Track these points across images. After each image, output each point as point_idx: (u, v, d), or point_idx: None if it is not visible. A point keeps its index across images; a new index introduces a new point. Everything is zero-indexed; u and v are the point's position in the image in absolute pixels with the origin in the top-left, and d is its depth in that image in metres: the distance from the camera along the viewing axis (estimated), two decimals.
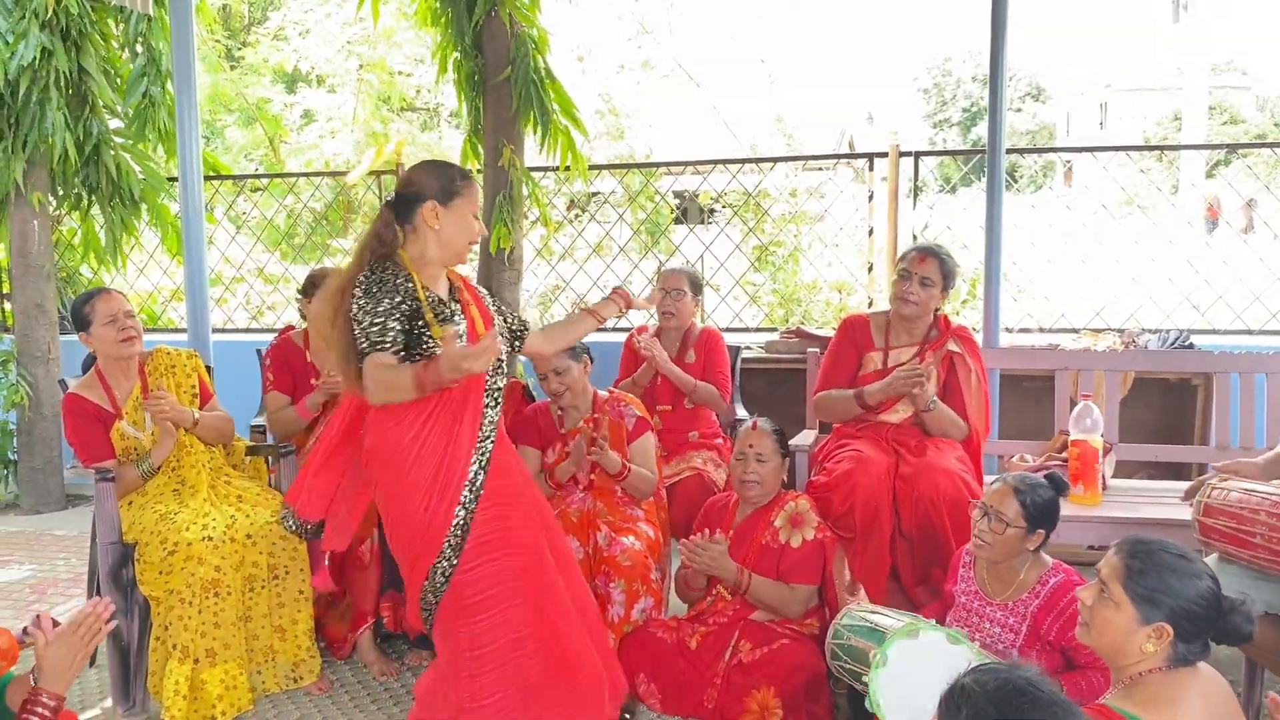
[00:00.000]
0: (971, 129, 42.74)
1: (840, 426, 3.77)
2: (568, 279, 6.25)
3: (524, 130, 4.91)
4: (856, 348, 3.79)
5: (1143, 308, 5.22)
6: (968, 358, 3.71)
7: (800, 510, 3.34)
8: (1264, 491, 2.77)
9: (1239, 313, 4.94)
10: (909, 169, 4.99)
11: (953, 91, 45.40)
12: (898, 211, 4.95)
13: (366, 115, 10.36)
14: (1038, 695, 1.52)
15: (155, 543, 3.24)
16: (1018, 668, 1.60)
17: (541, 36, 4.91)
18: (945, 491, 3.39)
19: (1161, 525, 3.33)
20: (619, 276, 6.10)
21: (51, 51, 5.25)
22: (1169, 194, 13.04)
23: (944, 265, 3.62)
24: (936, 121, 44.56)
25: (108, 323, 3.43)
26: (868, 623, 2.95)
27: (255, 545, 3.37)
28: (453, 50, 4.96)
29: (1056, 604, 2.83)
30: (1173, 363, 4.23)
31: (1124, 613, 2.08)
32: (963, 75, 44.29)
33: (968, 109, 44.01)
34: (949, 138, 43.62)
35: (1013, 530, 2.85)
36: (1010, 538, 2.86)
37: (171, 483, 3.50)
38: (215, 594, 3.24)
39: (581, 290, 6.33)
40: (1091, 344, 4.63)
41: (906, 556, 3.52)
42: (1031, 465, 3.94)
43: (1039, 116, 42.29)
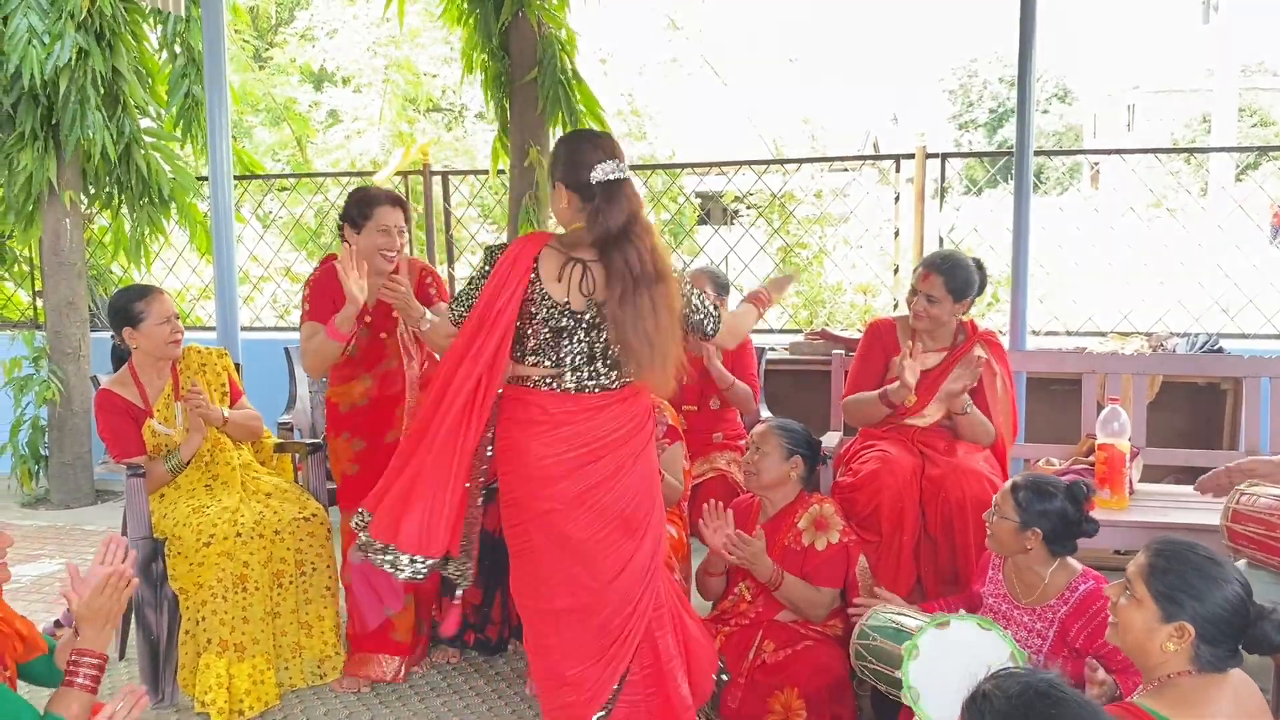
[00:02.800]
0: (998, 130, 42.47)
1: (867, 429, 3.77)
2: None
3: (550, 131, 4.93)
4: (884, 351, 3.79)
5: (1170, 311, 5.18)
6: (994, 362, 3.69)
7: (825, 514, 3.34)
8: None
9: (1269, 316, 4.90)
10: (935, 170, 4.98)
11: (979, 93, 45.12)
12: (924, 213, 4.93)
13: (393, 115, 10.42)
14: (1061, 697, 1.53)
15: (189, 536, 3.28)
16: (1038, 671, 1.60)
17: (570, 37, 4.93)
18: (973, 493, 3.39)
19: (1190, 530, 3.30)
20: None
21: (87, 52, 5.31)
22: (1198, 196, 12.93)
23: (950, 281, 3.59)
24: (962, 123, 44.30)
25: (162, 322, 3.51)
26: (893, 624, 2.95)
27: (283, 541, 3.41)
28: (480, 50, 4.99)
29: (1086, 610, 2.82)
30: (1201, 366, 4.21)
31: (1146, 610, 2.08)
32: (989, 77, 43.99)
33: (994, 110, 43.73)
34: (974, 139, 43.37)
35: (1004, 522, 2.84)
36: (1002, 529, 2.86)
37: (204, 478, 3.54)
38: (243, 589, 3.28)
39: None
40: (1119, 347, 4.61)
41: (930, 559, 3.52)
42: (1059, 469, 3.93)
43: (1065, 118, 42.00)
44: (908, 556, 3.48)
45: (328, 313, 3.33)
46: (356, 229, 3.35)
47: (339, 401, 3.53)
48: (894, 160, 5.14)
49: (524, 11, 4.78)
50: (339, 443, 3.52)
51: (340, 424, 3.52)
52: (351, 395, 3.50)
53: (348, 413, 3.51)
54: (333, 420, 3.55)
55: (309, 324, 3.40)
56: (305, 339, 3.42)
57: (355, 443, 3.50)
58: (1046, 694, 1.54)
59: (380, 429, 3.49)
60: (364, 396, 3.49)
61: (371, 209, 3.33)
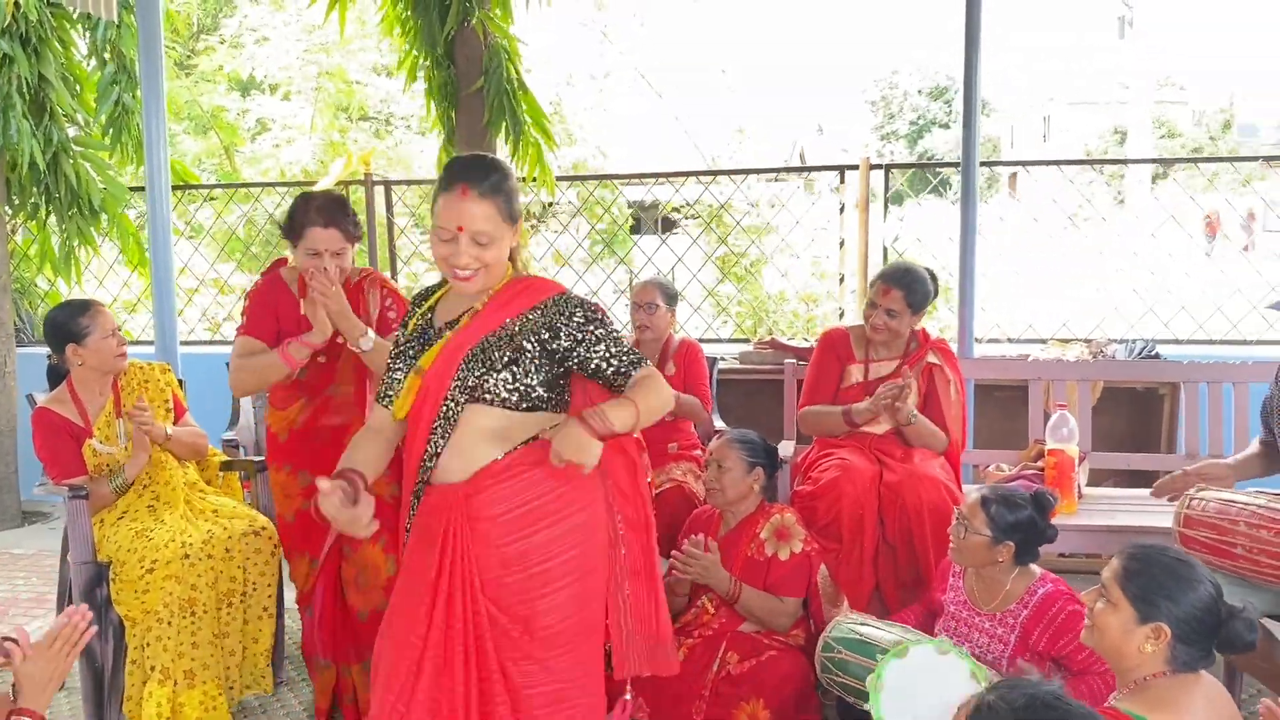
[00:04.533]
0: (918, 141, 43.23)
1: (825, 438, 3.79)
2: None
3: (495, 141, 4.89)
4: (839, 361, 3.82)
5: (1106, 319, 5.32)
6: (946, 370, 3.75)
7: (786, 523, 3.35)
8: (1242, 502, 2.84)
9: (1201, 323, 5.05)
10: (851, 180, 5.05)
11: (899, 104, 45.91)
12: (868, 223, 5.00)
13: (324, 124, 10.25)
14: (1067, 708, 1.54)
15: (132, 561, 3.17)
16: (1041, 683, 1.61)
17: (512, 46, 4.89)
18: (931, 500, 3.43)
19: (1142, 533, 3.38)
20: (590, 287, 6.10)
21: (12, 58, 5.13)
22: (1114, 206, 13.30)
23: (910, 295, 3.64)
24: (884, 134, 45.04)
25: (108, 336, 3.39)
26: (857, 635, 2.97)
27: (233, 559, 3.31)
28: (423, 59, 4.93)
29: (1046, 613, 2.87)
30: (1145, 372, 4.32)
31: (1122, 613, 2.12)
32: (909, 88, 44.80)
33: (914, 122, 44.52)
34: (896, 149, 44.11)
35: (976, 537, 2.88)
36: (974, 544, 2.89)
37: (146, 499, 3.42)
38: (191, 613, 3.19)
39: None
40: (1061, 354, 4.71)
41: (889, 566, 3.55)
42: (1008, 475, 3.99)
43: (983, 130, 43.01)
44: (867, 564, 3.51)
45: (267, 328, 3.10)
46: (292, 244, 3.08)
47: (278, 429, 3.22)
48: (839, 171, 5.20)
49: (470, 21, 4.73)
50: (281, 476, 3.22)
51: (279, 454, 3.22)
52: (290, 420, 3.21)
53: (287, 441, 3.21)
54: (272, 450, 3.26)
55: (244, 339, 3.11)
56: (238, 354, 3.11)
57: (303, 475, 3.16)
58: (1052, 705, 1.55)
59: (329, 459, 3.06)
60: (302, 422, 3.18)
61: (302, 229, 3.00)
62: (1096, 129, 34.17)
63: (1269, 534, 2.70)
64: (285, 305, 3.14)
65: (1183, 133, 34.40)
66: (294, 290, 3.17)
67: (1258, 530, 2.72)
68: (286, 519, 3.23)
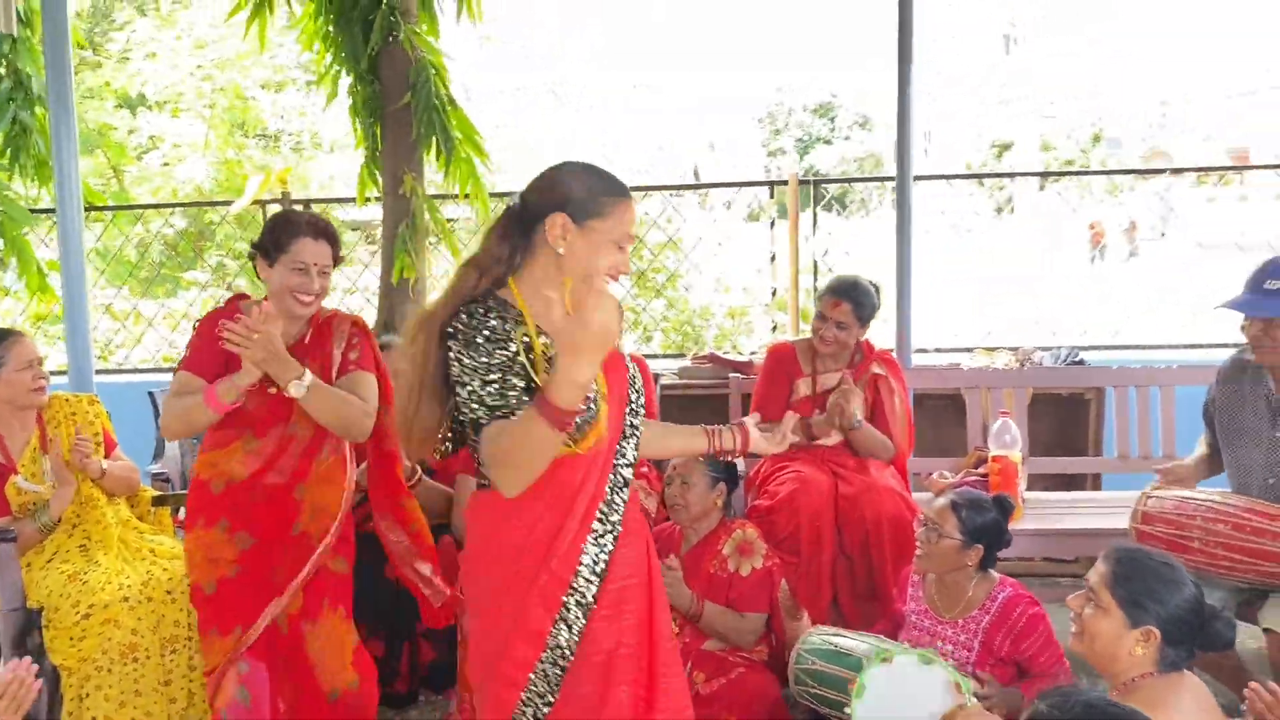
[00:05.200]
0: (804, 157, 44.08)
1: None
2: None
3: (425, 158, 4.79)
4: (786, 375, 3.84)
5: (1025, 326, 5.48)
6: (891, 380, 3.80)
7: (748, 538, 3.33)
8: (1198, 499, 2.94)
9: (1117, 329, 5.25)
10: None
11: (785, 121, 46.79)
12: (798, 237, 5.05)
13: (219, 141, 9.92)
14: (1120, 713, 1.55)
15: (66, 606, 2.97)
16: (1089, 690, 1.62)
17: (438, 61, 4.80)
18: (888, 511, 3.47)
19: (1096, 535, 3.49)
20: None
21: None
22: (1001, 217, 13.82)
23: (858, 308, 3.69)
24: (771, 150, 45.85)
25: (24, 368, 3.17)
26: (831, 645, 2.97)
27: (175, 602, 3.12)
28: (346, 74, 4.79)
29: (1008, 618, 2.92)
30: (1079, 378, 4.46)
31: (1113, 618, 2.16)
32: (795, 105, 45.74)
33: (801, 139, 45.43)
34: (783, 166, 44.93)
35: (947, 541, 2.92)
36: (945, 548, 2.93)
37: (76, 539, 3.22)
38: (134, 659, 2.99)
39: None
40: (989, 362, 4.82)
41: (846, 577, 3.58)
42: (951, 482, 4.05)
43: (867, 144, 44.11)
44: (825, 576, 3.53)
45: (209, 366, 2.76)
46: (270, 261, 2.79)
47: (210, 477, 2.82)
48: (769, 186, 5.25)
49: (396, 36, 4.62)
50: (213, 534, 2.80)
51: (212, 508, 2.82)
52: (227, 467, 2.82)
53: (224, 495, 2.82)
54: (201, 503, 2.84)
55: (182, 374, 2.79)
56: (174, 392, 2.79)
57: (241, 537, 2.79)
58: (1107, 710, 1.56)
59: (277, 518, 2.80)
60: (245, 468, 2.81)
61: (289, 240, 2.76)
62: (975, 144, 35.33)
63: (1225, 528, 2.80)
64: None
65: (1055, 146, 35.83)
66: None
67: (1213, 525, 2.82)
68: (205, 589, 2.82)
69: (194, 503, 2.88)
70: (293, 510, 2.83)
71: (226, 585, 2.80)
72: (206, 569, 2.82)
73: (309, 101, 10.97)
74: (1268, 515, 2.76)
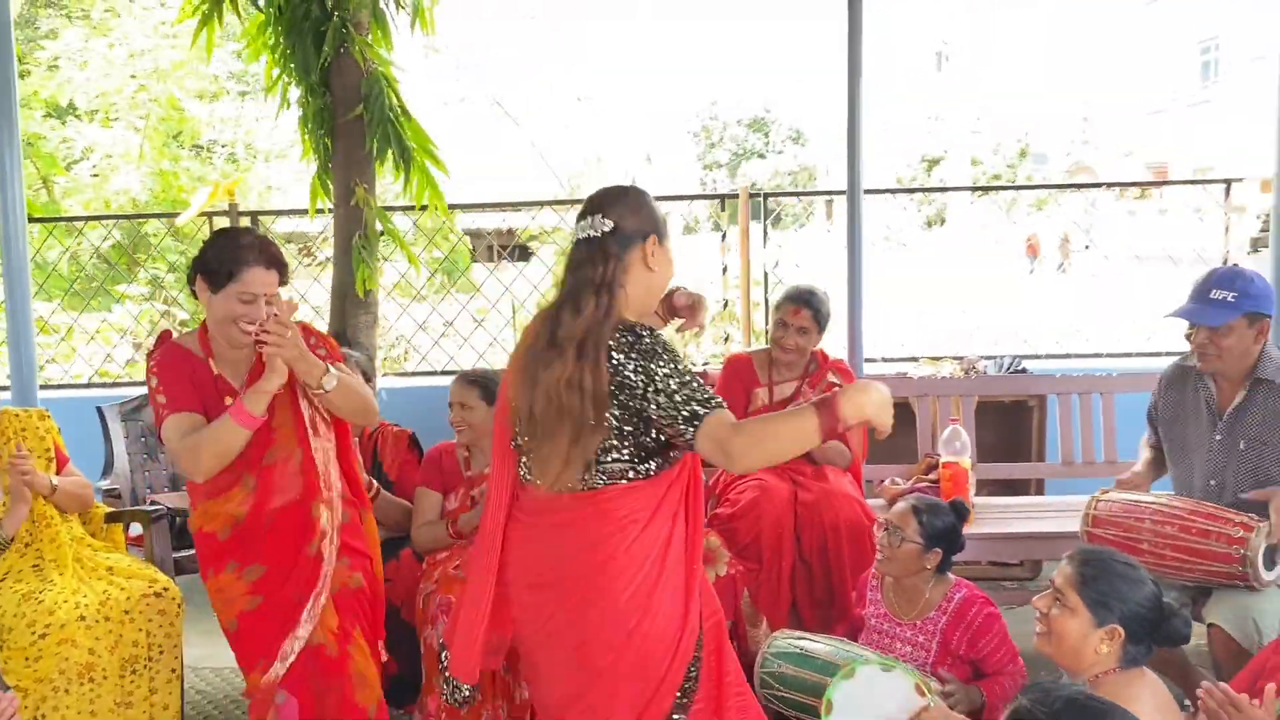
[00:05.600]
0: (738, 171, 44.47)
1: None
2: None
3: (380, 169, 4.76)
4: (744, 385, 3.89)
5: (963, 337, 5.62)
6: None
7: (712, 547, 3.38)
8: (1146, 501, 3.04)
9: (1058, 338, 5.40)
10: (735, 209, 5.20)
11: (719, 135, 47.19)
12: (749, 249, 5.12)
13: (154, 152, 9.72)
14: (1103, 707, 1.61)
15: (21, 627, 2.91)
16: (1069, 685, 1.68)
17: (388, 73, 4.78)
18: (847, 516, 3.53)
19: (1032, 539, 3.63)
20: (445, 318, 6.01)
21: None
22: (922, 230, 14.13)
23: (817, 315, 3.76)
24: (706, 164, 46.20)
25: None
26: (798, 649, 3.03)
27: (133, 622, 3.07)
28: (296, 86, 4.75)
29: (964, 617, 3.00)
30: (1025, 386, 4.58)
31: (1080, 617, 2.24)
32: (729, 119, 46.14)
33: (735, 152, 45.82)
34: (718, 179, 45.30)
35: (909, 545, 2.99)
36: (907, 552, 3.00)
37: (29, 558, 3.15)
38: (91, 679, 2.95)
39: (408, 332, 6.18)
40: (935, 371, 4.93)
41: (805, 583, 3.62)
42: (904, 488, 4.14)
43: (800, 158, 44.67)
44: (785, 582, 3.58)
45: (193, 398, 2.63)
46: (212, 287, 2.61)
47: (216, 528, 2.68)
48: (720, 199, 5.32)
49: (348, 48, 4.60)
50: (224, 579, 2.68)
51: (220, 554, 2.69)
52: (230, 511, 2.67)
53: (231, 539, 2.68)
54: (210, 554, 2.71)
55: (179, 417, 2.59)
56: (179, 436, 2.58)
57: (251, 570, 2.66)
58: (1088, 705, 1.62)
59: (290, 541, 2.67)
60: (244, 506, 2.67)
61: (239, 268, 2.58)
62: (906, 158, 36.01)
63: (1173, 530, 2.90)
64: (201, 375, 2.68)
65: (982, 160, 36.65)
66: (202, 355, 2.72)
67: (1162, 526, 2.92)
68: (229, 628, 2.71)
69: (204, 554, 2.74)
70: (309, 530, 2.68)
71: (247, 619, 2.67)
72: (225, 609, 2.71)
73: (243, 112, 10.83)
74: (1212, 516, 2.87)
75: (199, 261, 2.66)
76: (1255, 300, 2.92)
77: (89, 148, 9.78)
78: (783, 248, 5.68)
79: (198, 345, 2.73)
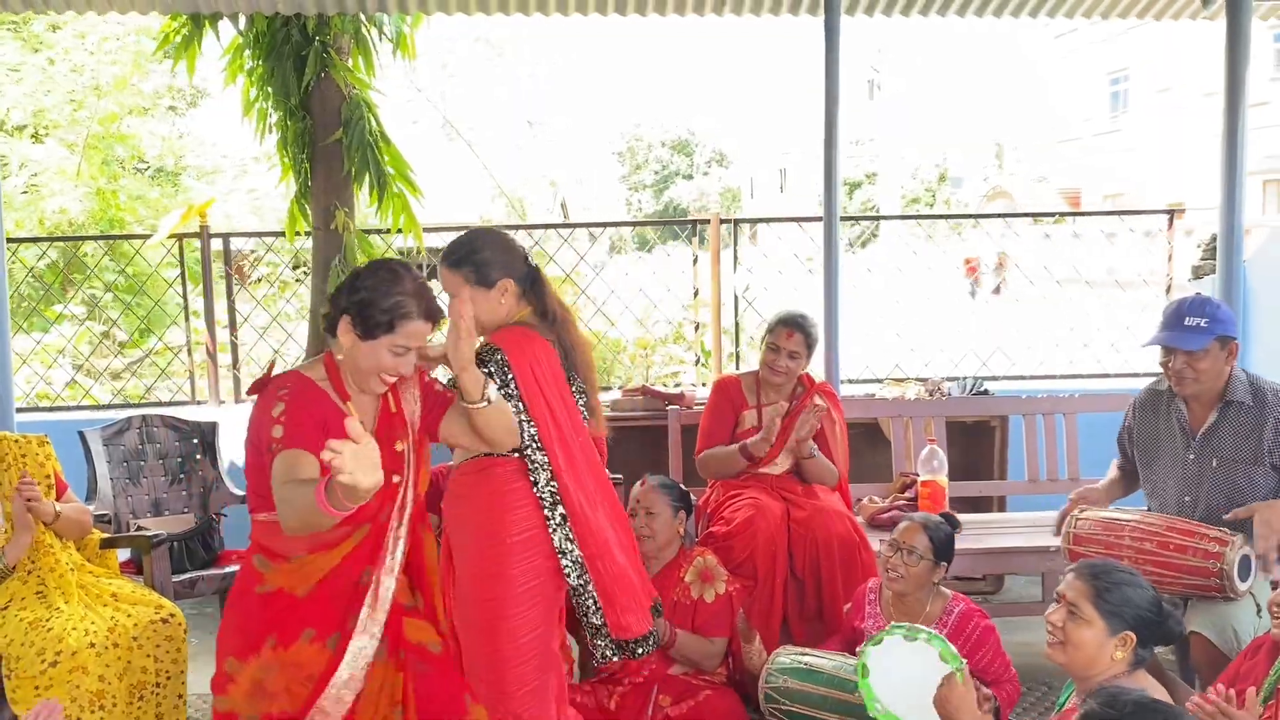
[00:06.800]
0: (664, 193, 44.82)
1: (726, 480, 3.94)
2: None
3: (358, 193, 4.79)
4: (732, 407, 4.00)
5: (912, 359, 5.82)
6: (832, 410, 4.00)
7: (709, 565, 3.46)
8: (1123, 519, 3.21)
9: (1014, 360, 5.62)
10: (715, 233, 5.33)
11: (644, 156, 47.51)
12: (720, 273, 5.25)
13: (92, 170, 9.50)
14: (1170, 710, 1.73)
15: (30, 655, 2.88)
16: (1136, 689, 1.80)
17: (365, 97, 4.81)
18: (839, 533, 3.65)
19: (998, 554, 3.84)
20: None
21: None
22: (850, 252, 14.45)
23: (809, 339, 3.90)
24: (631, 185, 46.47)
25: None
26: (802, 664, 3.13)
27: (141, 648, 3.06)
28: (275, 109, 4.76)
29: (963, 631, 3.14)
30: (991, 407, 4.77)
31: (1095, 628, 2.37)
32: (653, 140, 46.50)
33: (659, 173, 46.19)
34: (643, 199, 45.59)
35: (924, 562, 3.14)
36: (921, 569, 3.14)
37: (32, 585, 3.12)
38: (101, 707, 2.92)
39: None
40: (901, 393, 5.09)
41: (796, 599, 3.74)
42: (881, 506, 4.29)
43: (724, 180, 45.22)
44: (778, 598, 3.68)
45: (313, 439, 2.16)
46: (363, 333, 2.30)
47: (294, 584, 2.31)
48: (692, 225, 5.44)
49: (329, 72, 4.62)
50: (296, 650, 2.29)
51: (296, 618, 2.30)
52: (319, 568, 2.32)
53: (313, 595, 2.31)
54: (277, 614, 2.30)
55: (290, 454, 2.19)
56: (283, 479, 2.17)
57: (332, 640, 2.30)
58: (1156, 708, 1.74)
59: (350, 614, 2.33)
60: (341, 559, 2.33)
61: (400, 322, 2.30)
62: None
63: (1152, 545, 3.07)
64: (332, 421, 2.26)
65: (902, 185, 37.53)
66: (337, 399, 2.35)
67: (1141, 542, 3.09)
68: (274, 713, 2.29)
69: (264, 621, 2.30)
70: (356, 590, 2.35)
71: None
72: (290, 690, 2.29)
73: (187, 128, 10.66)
74: (1188, 532, 3.04)
75: (351, 299, 2.32)
76: (1224, 325, 3.12)
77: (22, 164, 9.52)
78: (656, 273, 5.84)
79: (331, 388, 2.36)
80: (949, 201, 34.74)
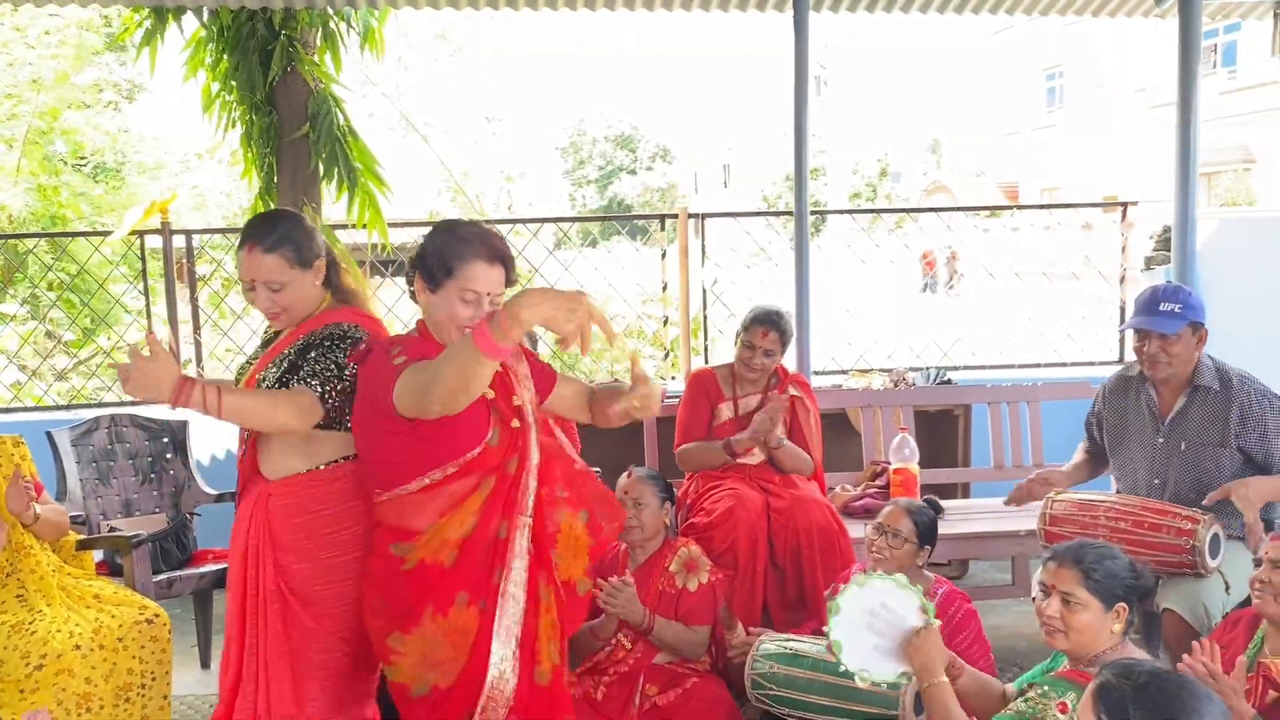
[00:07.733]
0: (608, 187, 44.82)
1: (705, 471, 3.97)
2: None
3: (325, 188, 4.75)
4: (709, 400, 4.04)
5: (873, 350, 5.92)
6: (806, 401, 4.07)
7: (693, 555, 3.50)
8: (1096, 500, 3.31)
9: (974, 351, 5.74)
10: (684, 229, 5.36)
11: (589, 151, 47.46)
12: (688, 268, 5.29)
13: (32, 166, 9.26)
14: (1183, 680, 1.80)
15: (14, 659, 2.83)
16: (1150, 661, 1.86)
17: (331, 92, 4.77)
18: (818, 521, 3.71)
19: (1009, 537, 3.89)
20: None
21: None
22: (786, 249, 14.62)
23: (784, 336, 3.95)
24: (575, 180, 46.39)
25: None
26: (787, 649, 3.18)
27: (126, 649, 3.02)
28: (239, 104, 4.70)
29: (946, 613, 3.20)
30: (957, 396, 4.87)
31: (1092, 609, 2.44)
32: (597, 135, 46.46)
33: (603, 168, 46.18)
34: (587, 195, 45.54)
35: (909, 545, 3.20)
36: (905, 552, 3.21)
37: (12, 589, 3.06)
38: (88, 709, 2.89)
39: None
40: (866, 383, 5.18)
41: (776, 587, 3.79)
42: (854, 494, 4.37)
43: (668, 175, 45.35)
44: (759, 587, 3.73)
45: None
46: (430, 285, 2.34)
47: (433, 551, 2.28)
48: (660, 220, 5.47)
49: (295, 67, 4.57)
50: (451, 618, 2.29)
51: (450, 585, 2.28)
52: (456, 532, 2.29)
53: (460, 561, 2.29)
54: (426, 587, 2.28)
55: (419, 364, 2.22)
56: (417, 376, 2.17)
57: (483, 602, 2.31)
58: (1170, 678, 1.80)
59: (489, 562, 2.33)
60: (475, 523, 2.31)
61: (459, 263, 2.29)
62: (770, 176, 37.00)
63: (1126, 524, 3.18)
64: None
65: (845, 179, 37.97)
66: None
67: (1116, 522, 3.19)
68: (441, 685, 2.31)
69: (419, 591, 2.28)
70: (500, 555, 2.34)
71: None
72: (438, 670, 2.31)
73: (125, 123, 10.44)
74: (1161, 512, 3.16)
75: (417, 258, 2.38)
76: (1196, 311, 3.24)
77: None
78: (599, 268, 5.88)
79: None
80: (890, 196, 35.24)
